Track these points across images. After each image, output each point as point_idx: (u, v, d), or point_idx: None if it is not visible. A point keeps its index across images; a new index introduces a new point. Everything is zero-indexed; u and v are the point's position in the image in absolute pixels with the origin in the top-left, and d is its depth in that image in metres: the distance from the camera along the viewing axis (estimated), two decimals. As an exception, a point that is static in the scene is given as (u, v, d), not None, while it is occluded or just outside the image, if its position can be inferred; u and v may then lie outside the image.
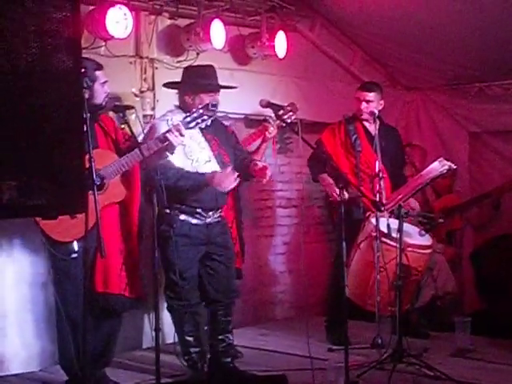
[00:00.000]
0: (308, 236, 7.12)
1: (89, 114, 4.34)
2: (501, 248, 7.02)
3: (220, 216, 4.99)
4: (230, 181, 4.70)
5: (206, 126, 4.68)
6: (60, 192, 2.23)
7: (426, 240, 5.47)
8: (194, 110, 4.55)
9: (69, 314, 4.30)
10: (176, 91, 5.18)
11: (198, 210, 4.83)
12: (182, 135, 4.42)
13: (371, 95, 5.79)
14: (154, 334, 4.06)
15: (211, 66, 5.06)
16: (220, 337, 5.03)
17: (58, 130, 2.21)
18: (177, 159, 4.73)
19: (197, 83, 4.90)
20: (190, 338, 4.91)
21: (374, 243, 5.27)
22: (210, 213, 4.89)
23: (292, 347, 5.70)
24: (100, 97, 4.51)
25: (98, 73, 4.51)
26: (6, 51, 2.06)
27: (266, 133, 5.57)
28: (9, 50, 2.06)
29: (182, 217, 4.83)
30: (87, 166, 3.57)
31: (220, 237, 4.98)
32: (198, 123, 4.50)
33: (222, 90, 5.09)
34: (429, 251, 5.44)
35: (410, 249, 5.18)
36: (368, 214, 5.51)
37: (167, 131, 4.44)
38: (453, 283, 6.33)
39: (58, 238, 4.16)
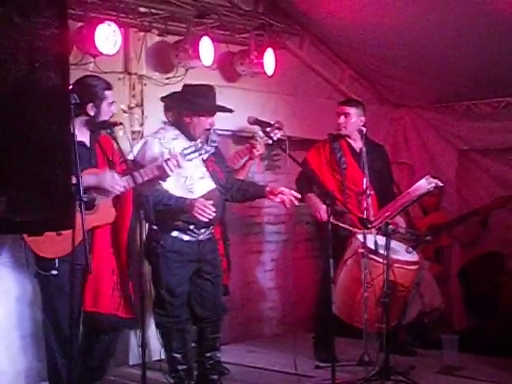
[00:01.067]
0: (296, 252, 7.13)
1: (89, 133, 4.45)
2: (488, 265, 7.05)
3: (211, 233, 4.98)
4: (208, 213, 4.65)
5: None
6: (47, 208, 2.23)
7: (413, 256, 5.49)
8: (195, 143, 4.57)
9: (58, 329, 4.27)
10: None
11: (190, 227, 4.80)
12: (179, 166, 4.43)
13: (349, 109, 5.83)
14: (140, 350, 4.09)
15: (212, 88, 5.03)
16: (208, 354, 5.02)
17: (45, 146, 2.21)
18: (168, 179, 4.70)
19: (198, 104, 4.86)
20: (178, 355, 4.89)
21: (360, 260, 5.29)
22: (203, 230, 4.87)
23: (279, 364, 5.69)
24: (106, 116, 4.51)
25: (107, 92, 4.51)
26: (-5, 67, 2.07)
27: (254, 150, 5.58)
28: (-1, 66, 2.07)
29: (174, 233, 4.81)
30: (76, 182, 3.60)
31: (211, 254, 4.97)
32: (196, 156, 4.52)
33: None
34: (415, 267, 5.45)
35: (396, 265, 5.19)
36: (354, 230, 5.52)
37: (165, 160, 4.43)
38: (440, 299, 6.34)
39: (43, 253, 4.14)
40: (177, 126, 4.93)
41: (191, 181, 4.79)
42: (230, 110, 5.07)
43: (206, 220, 4.68)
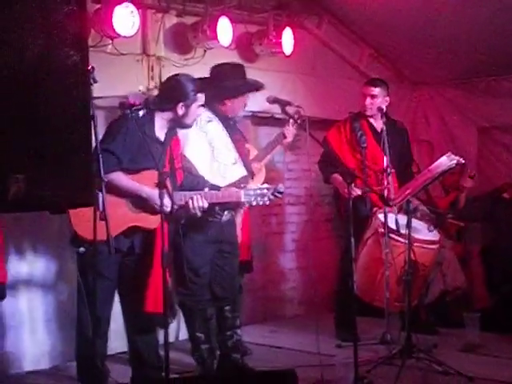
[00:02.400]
0: (317, 233, 7.12)
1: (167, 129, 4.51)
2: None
3: (231, 214, 5.00)
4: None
5: (232, 125, 4.84)
6: (66, 185, 2.24)
7: (434, 235, 5.46)
8: (261, 187, 4.53)
9: (93, 308, 4.27)
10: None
11: (215, 209, 4.79)
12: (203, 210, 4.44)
13: (376, 90, 5.80)
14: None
15: (240, 66, 5.09)
16: (228, 332, 5.05)
17: (64, 123, 2.21)
18: (204, 162, 4.75)
19: (228, 87, 4.89)
20: (201, 335, 4.92)
21: (381, 239, 5.27)
22: (226, 212, 4.89)
23: (301, 344, 5.70)
24: (192, 118, 4.55)
25: (199, 95, 4.53)
26: (13, 42, 2.06)
27: (284, 140, 5.53)
28: (16, 41, 2.07)
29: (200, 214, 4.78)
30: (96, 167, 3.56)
31: (231, 235, 5.01)
32: (257, 201, 4.50)
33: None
34: (436, 246, 5.42)
35: (416, 244, 5.17)
36: (375, 209, 5.51)
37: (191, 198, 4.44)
38: (462, 279, 6.30)
39: (83, 233, 4.12)
40: (210, 109, 4.91)
41: (224, 166, 4.81)
42: (261, 86, 5.06)
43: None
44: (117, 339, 5.03)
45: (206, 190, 4.50)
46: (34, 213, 4.05)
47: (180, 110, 4.45)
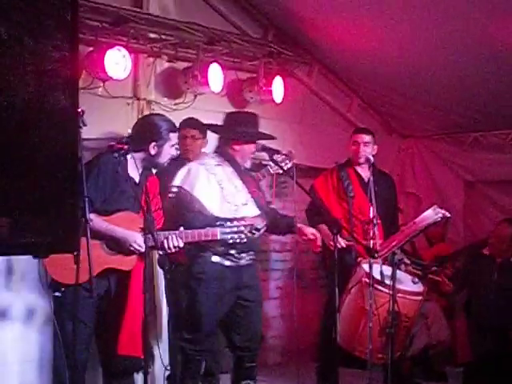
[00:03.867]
0: (302, 281, 7.09)
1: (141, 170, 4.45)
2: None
3: (252, 259, 4.88)
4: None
5: (243, 170, 4.80)
6: (52, 230, 2.22)
7: (418, 287, 5.44)
8: (236, 224, 4.49)
9: (68, 354, 4.22)
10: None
11: (231, 252, 4.71)
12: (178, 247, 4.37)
13: (368, 138, 5.87)
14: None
15: (254, 115, 5.08)
16: (243, 382, 4.94)
17: (52, 167, 2.20)
18: (214, 202, 4.69)
19: (241, 132, 4.86)
20: (191, 382, 4.84)
21: (364, 289, 5.25)
22: (243, 254, 4.77)
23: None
24: (165, 158, 4.52)
25: (171, 135, 4.52)
26: (2, 88, 2.06)
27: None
28: (6, 87, 2.07)
29: (215, 258, 4.72)
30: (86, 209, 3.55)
31: (251, 280, 4.87)
32: (233, 238, 4.45)
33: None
34: (419, 298, 5.39)
35: (400, 295, 5.12)
36: (359, 259, 5.49)
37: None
38: (446, 332, 6.28)
39: (58, 278, 4.09)
40: (220, 154, 4.90)
41: (235, 207, 4.72)
42: (273, 137, 5.05)
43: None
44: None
45: (181, 229, 4.43)
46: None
47: (152, 150, 4.42)
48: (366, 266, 5.31)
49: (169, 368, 5.34)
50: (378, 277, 5.21)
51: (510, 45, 5.75)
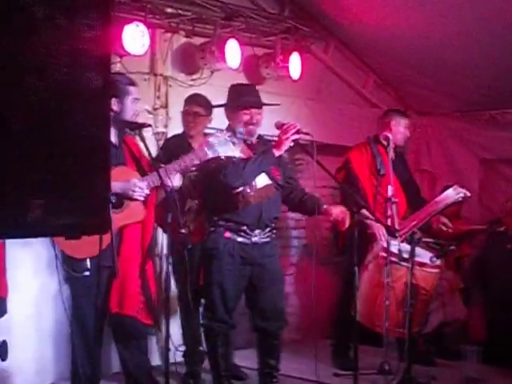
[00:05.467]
0: (316, 258, 7.07)
1: (116, 131, 4.37)
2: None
3: (269, 237, 4.85)
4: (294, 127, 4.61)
5: (250, 144, 4.77)
6: (84, 212, 2.21)
7: (428, 258, 5.42)
8: (220, 134, 4.46)
9: (85, 332, 4.25)
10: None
11: (243, 228, 4.71)
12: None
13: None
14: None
15: (251, 85, 5.08)
16: (265, 359, 4.97)
17: (85, 149, 2.19)
18: None
19: (234, 100, 4.84)
20: (222, 361, 4.86)
21: (381, 264, 5.26)
22: (257, 231, 4.75)
23: (297, 370, 5.64)
24: (129, 113, 4.42)
25: (130, 88, 4.44)
26: (38, 69, 2.04)
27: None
28: (41, 68, 2.05)
29: (227, 234, 4.72)
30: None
31: (266, 258, 4.82)
32: (224, 150, 4.39)
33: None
34: (436, 271, 5.39)
35: (417, 267, 5.13)
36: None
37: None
38: (462, 310, 6.28)
39: (72, 254, 4.10)
40: (229, 129, 4.85)
41: None
42: (277, 104, 5.11)
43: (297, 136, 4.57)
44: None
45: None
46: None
47: (115, 107, 4.32)
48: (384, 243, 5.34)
49: (181, 348, 5.41)
50: (395, 251, 5.22)
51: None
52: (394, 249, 5.22)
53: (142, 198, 4.25)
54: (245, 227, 4.73)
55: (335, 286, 6.26)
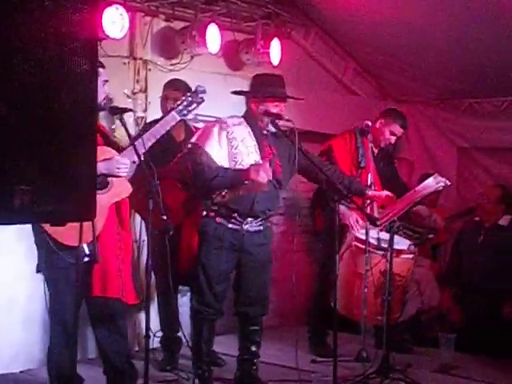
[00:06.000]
0: (293, 245, 7.06)
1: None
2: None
3: (262, 225, 4.84)
4: (267, 174, 4.53)
5: (266, 134, 4.75)
6: (70, 199, 2.18)
7: (406, 246, 5.44)
8: (184, 97, 4.43)
9: (62, 316, 4.20)
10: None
11: (233, 215, 4.72)
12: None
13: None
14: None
15: (280, 76, 4.99)
16: (245, 344, 4.99)
17: (72, 135, 2.15)
18: (222, 160, 4.67)
19: (263, 91, 4.80)
20: (205, 346, 4.87)
21: (355, 253, 5.28)
22: (249, 219, 4.75)
23: (276, 357, 5.66)
24: (100, 96, 4.25)
25: (100, 70, 4.36)
26: (24, 53, 2.00)
27: None
28: (27, 51, 2.00)
29: (218, 219, 4.73)
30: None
31: (256, 247, 4.83)
32: (188, 110, 4.39)
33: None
34: (411, 256, 5.41)
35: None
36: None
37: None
38: (438, 298, 6.32)
39: (69, 242, 4.02)
40: (243, 115, 4.86)
41: (241, 166, 4.66)
42: (301, 99, 5.06)
43: (263, 182, 4.55)
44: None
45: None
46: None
47: None
48: (359, 232, 5.36)
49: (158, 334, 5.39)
50: (375, 242, 5.24)
51: (508, 10, 5.71)
52: (372, 237, 5.23)
53: (127, 174, 4.20)
54: (235, 214, 4.72)
55: (313, 274, 6.25)
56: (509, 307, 6.03)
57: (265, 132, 4.81)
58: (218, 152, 4.66)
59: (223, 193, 4.69)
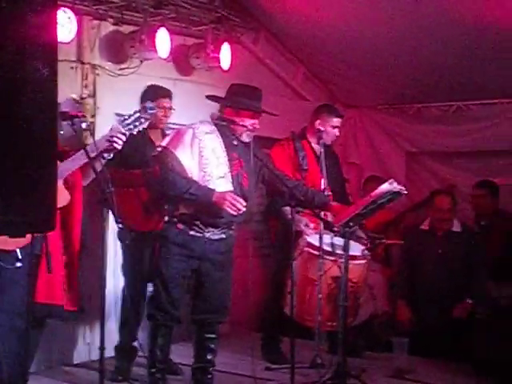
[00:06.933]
0: (244, 251, 7.02)
1: None
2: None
3: (225, 233, 4.79)
4: (236, 206, 4.49)
5: (236, 145, 4.71)
6: (30, 209, 2.08)
7: (360, 251, 5.45)
8: (132, 112, 4.32)
9: (13, 324, 4.06)
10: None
11: (196, 222, 4.66)
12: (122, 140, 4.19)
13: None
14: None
15: (258, 90, 4.96)
16: (201, 352, 4.93)
17: (31, 144, 2.06)
18: (193, 169, 4.61)
19: (241, 102, 4.77)
20: (160, 353, 4.77)
21: (307, 258, 5.27)
22: (211, 229, 4.70)
23: (230, 365, 5.58)
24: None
25: None
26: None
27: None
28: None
29: (180, 226, 4.67)
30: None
31: (217, 255, 4.77)
32: (135, 126, 4.28)
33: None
34: (363, 261, 5.40)
35: (341, 260, 5.11)
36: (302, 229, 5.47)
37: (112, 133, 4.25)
38: (391, 303, 6.34)
39: (4, 246, 3.91)
40: (216, 123, 4.78)
41: (209, 177, 4.61)
42: (275, 114, 4.99)
43: (234, 213, 4.52)
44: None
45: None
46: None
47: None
48: (311, 237, 5.33)
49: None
50: (329, 247, 5.22)
51: (456, 16, 5.77)
52: (325, 243, 5.22)
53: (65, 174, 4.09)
54: (198, 222, 4.67)
55: (265, 280, 6.20)
56: (459, 308, 6.08)
57: (235, 143, 4.76)
58: (189, 161, 4.60)
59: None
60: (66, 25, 5.23)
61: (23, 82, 2.05)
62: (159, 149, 4.73)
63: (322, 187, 5.45)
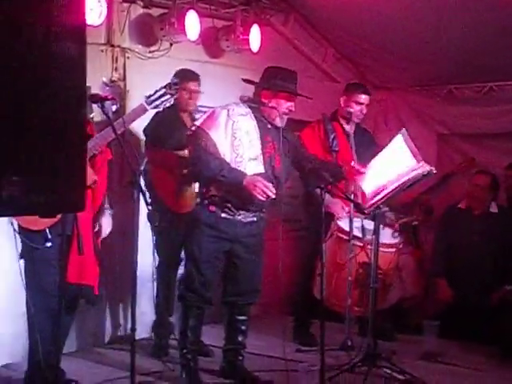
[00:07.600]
0: (274, 233, 7.00)
1: None
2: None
3: (256, 216, 4.80)
4: (266, 193, 4.48)
5: (269, 128, 4.70)
6: (60, 189, 2.09)
7: (392, 239, 5.41)
8: (157, 88, 4.39)
9: (47, 304, 4.10)
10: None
11: (227, 205, 4.66)
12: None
13: (368, 98, 5.86)
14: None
15: (294, 72, 4.97)
16: (232, 334, 4.96)
17: (61, 124, 2.06)
18: (225, 150, 4.60)
19: (278, 85, 4.76)
20: (191, 334, 4.79)
21: (335, 242, 5.26)
22: (242, 211, 4.70)
23: (261, 347, 5.59)
24: None
25: None
26: (10, 37, 1.91)
27: None
28: (15, 35, 1.91)
29: (212, 208, 4.67)
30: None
31: (249, 238, 4.79)
32: (162, 102, 4.37)
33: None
34: (392, 250, 5.37)
35: (370, 247, 5.10)
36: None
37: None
38: (421, 285, 6.31)
39: (30, 225, 3.95)
40: (250, 106, 4.77)
41: (241, 159, 4.60)
42: (310, 98, 4.98)
43: (264, 199, 4.52)
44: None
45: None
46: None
47: None
48: (342, 221, 5.31)
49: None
50: (359, 231, 5.20)
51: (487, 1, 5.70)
52: (356, 227, 5.20)
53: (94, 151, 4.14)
54: (229, 205, 4.67)
55: (297, 263, 6.18)
56: (498, 295, 6.00)
57: (269, 126, 4.74)
58: (222, 141, 4.60)
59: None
60: (95, 8, 5.25)
61: (52, 63, 2.05)
62: (193, 128, 4.72)
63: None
